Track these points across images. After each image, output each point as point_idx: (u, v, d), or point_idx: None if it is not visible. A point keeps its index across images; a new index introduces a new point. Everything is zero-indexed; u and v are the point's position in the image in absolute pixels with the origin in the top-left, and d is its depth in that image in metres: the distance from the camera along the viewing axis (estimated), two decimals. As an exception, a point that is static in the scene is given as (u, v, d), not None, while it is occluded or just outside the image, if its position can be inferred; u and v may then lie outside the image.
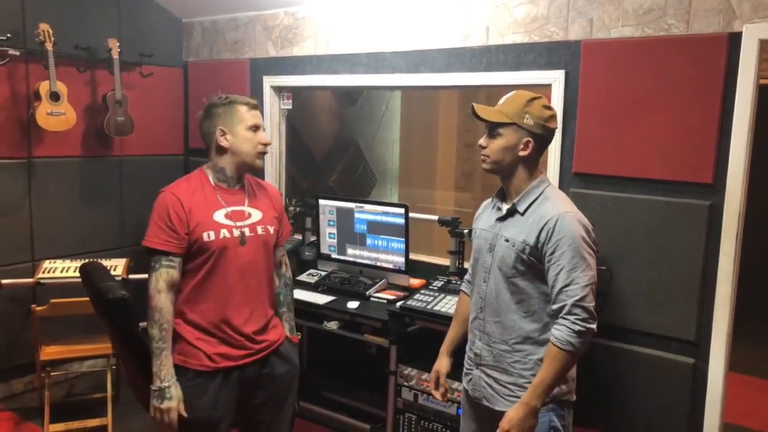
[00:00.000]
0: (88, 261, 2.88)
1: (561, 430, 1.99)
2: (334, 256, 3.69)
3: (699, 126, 2.58)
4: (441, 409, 2.91)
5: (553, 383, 1.87)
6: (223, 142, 2.17)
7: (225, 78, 4.21)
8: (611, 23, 2.76)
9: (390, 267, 3.46)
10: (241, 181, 2.26)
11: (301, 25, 3.84)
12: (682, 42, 2.60)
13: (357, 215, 3.57)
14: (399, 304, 3.11)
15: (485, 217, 2.13)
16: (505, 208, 2.02)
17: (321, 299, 3.29)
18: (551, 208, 1.92)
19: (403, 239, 3.38)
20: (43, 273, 3.49)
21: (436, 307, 2.94)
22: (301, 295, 3.29)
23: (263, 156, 2.23)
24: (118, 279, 3.31)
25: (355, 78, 3.66)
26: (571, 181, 2.92)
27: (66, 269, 3.54)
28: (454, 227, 3.30)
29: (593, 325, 1.86)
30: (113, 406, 3.43)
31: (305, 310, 3.25)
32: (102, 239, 4.12)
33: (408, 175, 5.59)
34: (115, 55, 3.82)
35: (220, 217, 2.16)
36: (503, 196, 2.07)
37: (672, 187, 2.67)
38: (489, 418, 2.05)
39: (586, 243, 1.88)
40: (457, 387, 2.67)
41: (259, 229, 2.23)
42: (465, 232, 3.23)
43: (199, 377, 2.14)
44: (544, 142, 1.99)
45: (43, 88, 3.57)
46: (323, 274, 3.60)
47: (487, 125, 1.99)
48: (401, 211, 3.39)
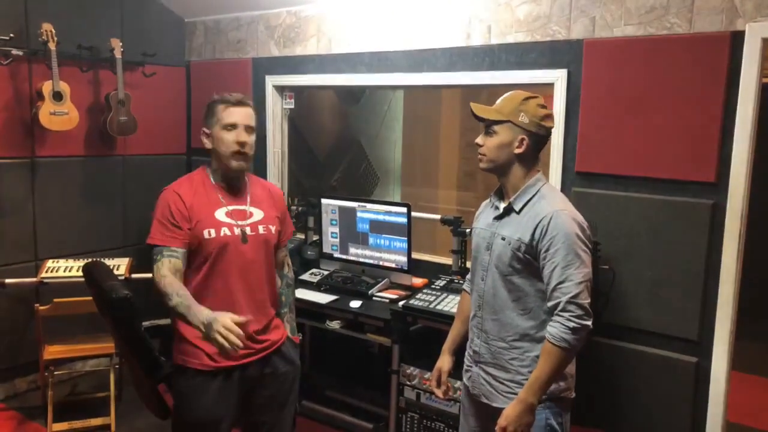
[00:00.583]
0: (91, 260, 2.88)
1: (557, 428, 2.00)
2: (337, 255, 3.69)
3: (702, 125, 2.58)
4: (443, 408, 2.91)
5: (550, 380, 1.89)
6: (207, 144, 2.18)
7: (227, 77, 4.21)
8: (614, 22, 2.76)
9: (392, 266, 3.46)
10: (241, 181, 2.26)
11: (304, 24, 3.84)
12: (684, 41, 2.59)
13: (359, 214, 3.57)
14: (401, 303, 3.11)
15: (484, 216, 2.15)
16: (502, 207, 2.05)
17: (323, 298, 3.29)
18: (546, 206, 1.94)
19: (406, 238, 3.38)
20: (46, 272, 3.50)
21: (438, 307, 2.94)
22: (303, 294, 3.29)
23: (241, 156, 2.13)
24: (121, 278, 3.32)
25: (357, 77, 3.66)
26: (574, 180, 2.92)
27: (69, 268, 3.54)
28: (457, 226, 3.30)
29: (588, 322, 1.87)
30: (116, 405, 3.43)
31: (308, 309, 3.25)
32: (105, 238, 4.13)
33: (410, 174, 5.59)
34: (117, 55, 3.83)
35: (221, 215, 2.17)
36: (501, 195, 2.09)
37: (674, 186, 2.67)
38: (487, 415, 2.06)
39: (581, 240, 1.90)
40: (459, 386, 2.67)
41: (260, 228, 2.23)
42: (467, 231, 3.23)
43: (200, 376, 2.15)
44: (540, 140, 2.01)
45: (46, 87, 3.58)
46: (326, 273, 3.61)
47: (484, 124, 2.02)
48: (404, 210, 3.39)
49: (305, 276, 3.58)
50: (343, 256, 3.67)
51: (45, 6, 3.70)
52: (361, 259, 3.60)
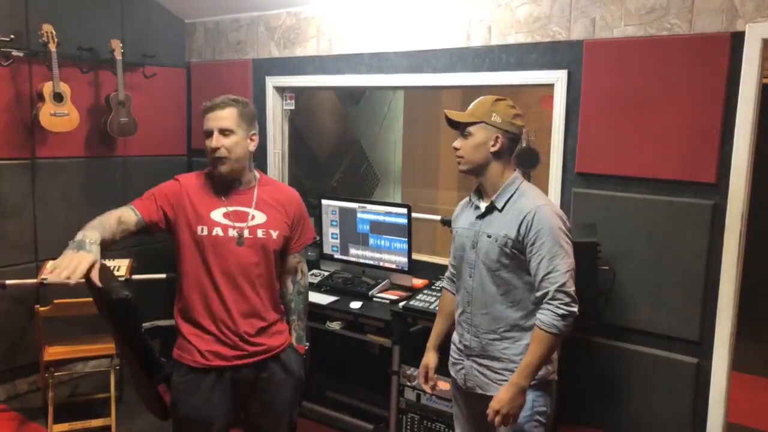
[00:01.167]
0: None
1: (543, 413, 2.10)
2: (337, 256, 3.69)
3: (702, 125, 2.58)
4: (443, 408, 2.91)
5: (540, 364, 2.00)
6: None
7: (227, 79, 4.21)
8: (614, 23, 2.76)
9: (393, 267, 3.46)
10: (244, 183, 2.25)
11: (304, 25, 3.84)
12: (684, 41, 2.59)
13: (360, 215, 3.57)
14: (402, 304, 3.11)
15: (464, 216, 2.25)
16: (484, 206, 2.15)
17: (324, 299, 3.29)
18: (528, 203, 2.05)
19: (406, 239, 3.38)
20: (46, 273, 3.50)
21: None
22: (303, 295, 3.29)
23: (220, 161, 2.15)
24: (121, 279, 3.32)
25: (357, 78, 3.66)
26: (574, 181, 2.92)
27: (69, 270, 3.54)
28: (457, 227, 3.30)
29: (575, 308, 1.98)
30: (117, 406, 3.43)
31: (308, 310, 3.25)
32: (105, 240, 4.12)
33: (410, 175, 5.59)
34: (118, 56, 3.83)
35: (217, 215, 2.18)
36: (480, 195, 2.19)
37: (675, 187, 2.67)
38: (481, 404, 2.14)
39: (563, 232, 2.02)
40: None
41: (259, 232, 2.20)
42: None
43: (192, 373, 2.16)
44: (513, 138, 2.12)
45: (47, 89, 3.58)
46: (326, 274, 3.61)
47: (460, 128, 2.13)
48: (404, 211, 3.39)
49: (305, 277, 3.58)
50: (344, 257, 3.67)
51: (45, 7, 3.70)
52: (361, 260, 3.60)
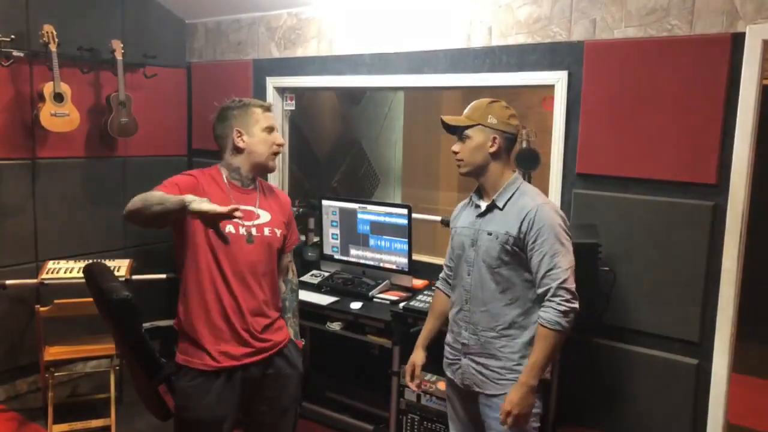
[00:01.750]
0: (91, 261, 2.87)
1: (537, 414, 2.11)
2: (337, 256, 3.69)
3: (702, 126, 2.58)
4: (444, 409, 2.91)
5: (547, 362, 2.04)
6: (240, 143, 2.24)
7: (228, 79, 4.22)
8: (614, 24, 2.76)
9: (393, 268, 3.46)
10: (254, 182, 2.31)
11: (305, 26, 3.85)
12: (685, 43, 2.59)
13: (360, 216, 3.57)
14: (402, 304, 3.11)
15: (464, 216, 2.28)
16: (484, 205, 2.18)
17: (324, 300, 3.29)
18: (529, 201, 2.09)
19: (406, 240, 3.38)
20: (47, 274, 3.50)
21: (439, 308, 2.94)
22: (304, 296, 3.28)
23: (275, 157, 2.30)
24: (121, 280, 3.32)
25: (358, 79, 3.67)
26: (575, 182, 2.92)
27: (70, 270, 3.55)
28: (457, 228, 3.30)
29: (576, 305, 2.02)
30: (117, 406, 3.43)
31: (308, 310, 3.25)
32: (105, 240, 4.13)
33: (411, 175, 5.58)
34: (118, 57, 3.84)
35: None
36: (480, 194, 2.23)
37: (675, 188, 2.67)
38: (477, 402, 2.17)
39: (564, 230, 2.07)
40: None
41: (265, 231, 2.26)
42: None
43: (202, 377, 2.15)
44: (510, 138, 2.17)
45: (47, 89, 3.59)
46: (326, 274, 3.61)
47: (458, 132, 2.16)
48: (404, 211, 3.39)
49: (306, 277, 3.58)
50: (344, 258, 3.67)
51: (46, 7, 3.71)
52: (361, 261, 3.60)
